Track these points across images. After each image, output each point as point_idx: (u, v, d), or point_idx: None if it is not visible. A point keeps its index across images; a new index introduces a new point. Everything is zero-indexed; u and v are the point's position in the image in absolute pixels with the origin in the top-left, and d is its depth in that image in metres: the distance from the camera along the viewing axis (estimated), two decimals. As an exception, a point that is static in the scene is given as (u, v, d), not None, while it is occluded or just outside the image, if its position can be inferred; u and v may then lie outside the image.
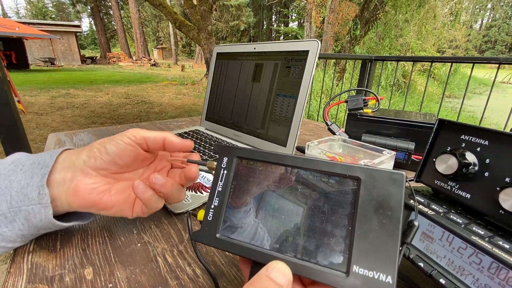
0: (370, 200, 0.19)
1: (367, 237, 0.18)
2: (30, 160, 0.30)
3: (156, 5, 5.59)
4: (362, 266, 0.18)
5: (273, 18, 24.47)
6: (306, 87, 0.53)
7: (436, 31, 9.61)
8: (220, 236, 0.22)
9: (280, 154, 0.23)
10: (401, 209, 0.18)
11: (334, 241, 0.19)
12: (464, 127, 0.26)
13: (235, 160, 0.24)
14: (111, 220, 0.39)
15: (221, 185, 0.24)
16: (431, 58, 2.22)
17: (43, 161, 0.29)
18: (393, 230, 0.18)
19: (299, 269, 0.19)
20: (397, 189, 0.18)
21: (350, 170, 0.20)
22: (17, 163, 0.29)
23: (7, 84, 1.32)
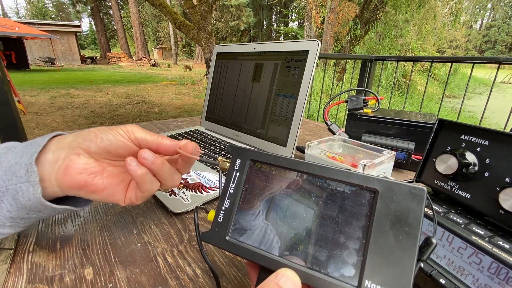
0: (387, 213, 0.18)
1: (382, 252, 0.18)
2: (24, 143, 0.29)
3: (156, 5, 5.59)
4: (375, 281, 0.17)
5: (273, 18, 24.48)
6: (306, 87, 0.53)
7: (436, 31, 9.61)
8: (229, 239, 0.22)
9: (295, 160, 0.22)
10: (419, 226, 0.17)
11: (346, 253, 0.19)
12: (464, 127, 0.26)
13: (248, 162, 0.24)
14: (111, 220, 0.39)
15: (233, 187, 0.24)
16: (431, 58, 2.22)
17: (35, 142, 0.28)
18: (410, 246, 0.17)
19: (308, 278, 0.18)
20: (417, 205, 0.18)
21: (368, 182, 0.19)
22: (10, 146, 0.29)
23: (7, 84, 1.32)
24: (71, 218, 0.40)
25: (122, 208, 0.43)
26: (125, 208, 0.43)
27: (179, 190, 0.46)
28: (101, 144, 0.29)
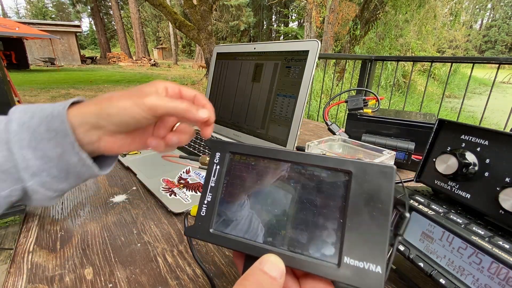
0: (361, 193, 0.19)
1: (358, 229, 0.19)
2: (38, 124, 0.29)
3: (156, 5, 5.59)
4: (353, 257, 0.18)
5: (273, 18, 24.47)
6: (306, 87, 0.53)
7: (436, 31, 9.61)
8: (213, 231, 0.23)
9: (273, 149, 0.23)
10: (391, 202, 0.18)
11: (325, 234, 0.20)
12: (464, 127, 0.26)
13: (228, 155, 0.24)
14: (111, 220, 0.39)
15: (214, 180, 0.24)
16: (431, 58, 2.22)
17: (58, 128, 0.29)
18: (383, 222, 0.18)
19: (291, 261, 0.19)
20: (387, 182, 0.19)
21: (342, 164, 0.20)
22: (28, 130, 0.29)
23: (7, 84, 1.32)
24: (71, 218, 0.40)
25: (122, 208, 0.43)
26: (125, 208, 0.43)
27: (179, 190, 0.46)
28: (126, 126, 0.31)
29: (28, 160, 0.29)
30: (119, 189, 0.49)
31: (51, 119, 0.29)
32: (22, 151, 0.28)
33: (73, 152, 0.30)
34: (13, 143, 0.28)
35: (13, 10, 37.20)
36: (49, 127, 0.29)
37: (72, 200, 0.45)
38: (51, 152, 0.29)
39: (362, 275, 0.18)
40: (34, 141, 0.29)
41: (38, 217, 0.40)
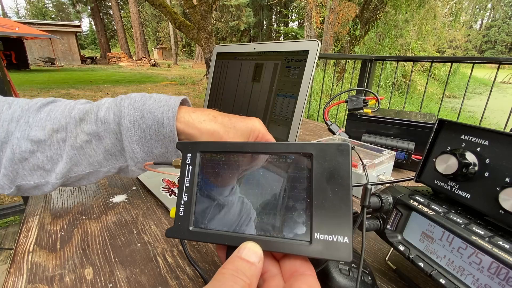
0: (322, 172, 0.20)
1: (324, 206, 0.20)
2: (149, 126, 0.33)
3: (156, 5, 5.59)
4: (322, 232, 0.19)
5: (273, 18, 24.46)
6: (306, 87, 0.53)
7: (436, 31, 9.60)
8: (193, 229, 0.23)
9: (240, 143, 0.24)
10: (349, 176, 0.20)
11: (296, 215, 0.21)
12: (464, 127, 0.26)
13: (198, 155, 0.25)
14: (111, 220, 0.39)
15: (188, 180, 0.25)
16: (431, 58, 2.22)
17: (166, 134, 0.33)
18: (345, 195, 0.20)
19: (268, 245, 0.20)
20: (344, 158, 0.20)
21: (303, 148, 0.22)
22: (139, 129, 0.33)
23: (7, 84, 1.32)
24: (71, 218, 0.40)
25: (122, 208, 0.43)
26: (125, 208, 0.43)
27: (179, 190, 0.46)
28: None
29: (135, 153, 0.34)
30: (119, 189, 0.49)
31: (162, 125, 0.33)
32: (132, 145, 0.33)
33: (175, 154, 0.35)
34: (125, 137, 0.33)
35: (13, 10, 37.19)
36: (159, 131, 0.33)
37: (72, 200, 0.45)
38: (156, 150, 0.34)
39: (332, 248, 0.19)
40: (143, 139, 0.34)
41: (38, 217, 0.40)
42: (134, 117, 0.33)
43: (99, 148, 0.34)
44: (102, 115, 0.34)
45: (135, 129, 0.33)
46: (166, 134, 0.33)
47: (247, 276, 0.18)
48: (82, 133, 0.34)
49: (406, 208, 0.27)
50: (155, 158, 0.35)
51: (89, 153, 0.34)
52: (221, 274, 0.18)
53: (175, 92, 6.86)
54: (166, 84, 8.27)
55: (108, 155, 0.35)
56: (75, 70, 12.54)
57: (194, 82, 8.62)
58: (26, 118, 0.35)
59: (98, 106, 0.35)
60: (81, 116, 0.34)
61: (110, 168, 0.36)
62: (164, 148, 0.34)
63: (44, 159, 0.34)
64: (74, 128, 0.34)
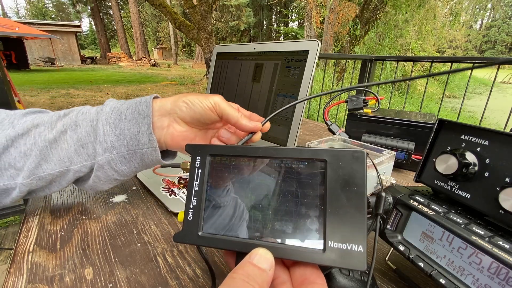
0: (337, 179, 0.20)
1: (338, 213, 0.19)
2: (127, 108, 0.35)
3: (156, 5, 5.59)
4: (336, 240, 0.19)
5: (273, 18, 24.45)
6: (306, 87, 0.53)
7: (436, 31, 9.60)
8: (202, 234, 0.23)
9: (252, 147, 0.24)
10: (364, 184, 0.19)
11: (309, 222, 0.20)
12: (464, 127, 0.26)
13: (208, 158, 0.25)
14: (111, 220, 0.39)
15: (197, 184, 0.24)
16: (431, 58, 2.22)
17: (141, 110, 0.34)
18: (359, 203, 0.19)
19: (280, 252, 0.20)
20: (360, 166, 0.20)
21: (317, 154, 0.21)
22: (117, 112, 0.35)
23: (7, 84, 1.32)
24: (71, 218, 0.40)
25: (122, 208, 0.43)
26: (125, 208, 0.43)
27: (179, 190, 0.46)
28: (194, 115, 0.36)
29: (106, 135, 0.33)
30: (119, 189, 0.49)
31: (139, 104, 0.35)
32: (105, 127, 0.33)
33: (146, 133, 0.34)
34: (100, 120, 0.34)
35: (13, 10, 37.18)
36: (135, 110, 0.34)
37: (72, 200, 0.45)
38: (128, 130, 0.34)
39: (346, 256, 0.19)
40: (118, 120, 0.34)
41: (38, 217, 0.40)
42: (116, 105, 0.36)
43: (72, 138, 0.34)
44: (86, 109, 0.36)
45: (112, 113, 0.34)
46: (141, 111, 0.34)
47: (258, 283, 0.18)
48: (60, 125, 0.34)
49: (406, 208, 0.27)
50: (125, 142, 0.34)
51: (61, 146, 0.34)
52: (232, 279, 0.18)
53: (175, 92, 6.86)
54: (166, 84, 8.27)
55: (79, 147, 0.34)
56: (75, 70, 12.54)
57: (194, 82, 8.62)
58: (11, 119, 0.35)
59: (85, 106, 0.37)
60: (66, 112, 0.36)
61: (81, 167, 0.34)
62: (137, 127, 0.34)
63: (17, 155, 0.33)
64: (55, 121, 0.35)
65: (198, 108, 0.35)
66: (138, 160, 0.36)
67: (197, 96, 0.36)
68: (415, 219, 0.26)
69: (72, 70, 12.49)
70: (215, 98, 0.36)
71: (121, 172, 0.36)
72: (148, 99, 0.35)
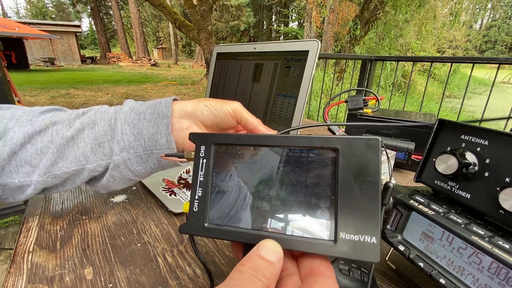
0: (349, 168, 0.19)
1: (350, 204, 0.19)
2: (146, 108, 0.35)
3: (156, 5, 5.59)
4: (348, 231, 0.18)
5: (273, 18, 24.44)
6: (306, 87, 0.53)
7: (436, 31, 9.60)
8: (208, 225, 0.22)
9: (258, 135, 0.23)
10: (379, 173, 0.18)
11: (319, 212, 0.20)
12: (464, 127, 0.26)
13: (213, 147, 0.24)
14: (111, 220, 0.39)
15: (202, 174, 0.23)
16: (431, 58, 2.22)
17: (161, 111, 0.34)
18: (373, 193, 0.18)
19: (289, 244, 0.19)
20: (374, 154, 0.19)
21: (328, 142, 0.20)
22: (136, 112, 0.35)
23: (7, 84, 1.32)
24: (71, 218, 0.40)
25: (122, 208, 0.43)
26: (125, 208, 0.43)
27: (179, 190, 0.46)
28: (214, 119, 0.36)
29: (124, 134, 0.33)
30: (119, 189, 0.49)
31: (159, 105, 0.35)
32: (123, 126, 0.33)
33: (165, 133, 0.34)
34: (119, 119, 0.34)
35: (13, 10, 37.17)
36: (154, 110, 0.34)
37: (72, 200, 0.45)
38: (146, 130, 0.34)
39: (359, 248, 0.18)
40: (136, 120, 0.34)
41: (38, 217, 0.40)
42: (135, 105, 0.36)
43: (89, 136, 0.34)
44: (104, 109, 0.36)
45: (131, 112, 0.34)
46: (161, 111, 0.34)
47: (266, 276, 0.17)
48: (78, 123, 0.34)
49: (406, 208, 0.27)
50: (142, 142, 0.34)
51: (77, 144, 0.33)
52: (239, 272, 0.17)
53: (175, 92, 6.86)
54: (166, 84, 8.27)
55: (96, 145, 0.34)
56: (75, 70, 12.54)
57: (194, 82, 8.62)
58: (29, 117, 0.35)
59: (103, 106, 0.37)
60: (84, 111, 0.36)
61: (96, 166, 0.34)
62: (155, 127, 0.34)
63: (33, 152, 0.33)
64: (73, 120, 0.35)
65: (219, 113, 0.36)
66: (154, 160, 0.35)
67: (217, 101, 0.37)
68: (415, 219, 0.26)
69: (72, 70, 12.49)
70: (235, 104, 0.37)
71: (137, 172, 0.36)
72: (168, 100, 0.35)
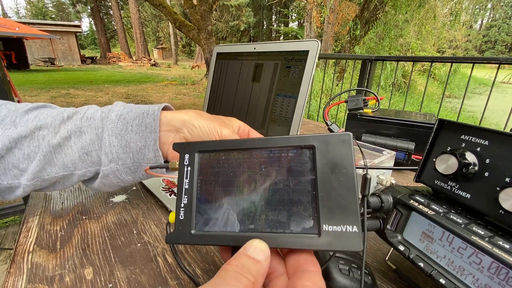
0: (326, 163, 0.20)
1: (330, 197, 0.20)
2: (133, 118, 0.34)
3: (156, 5, 5.59)
4: (331, 223, 0.19)
5: (273, 18, 24.45)
6: (306, 87, 0.53)
7: (436, 31, 9.60)
8: (195, 232, 0.23)
9: (239, 140, 0.24)
10: (353, 165, 0.20)
11: (302, 208, 0.20)
12: (464, 127, 0.26)
13: (197, 155, 0.24)
14: (111, 220, 0.39)
15: (187, 182, 0.24)
16: (431, 58, 2.22)
17: (148, 124, 0.34)
18: (350, 184, 0.20)
19: (276, 241, 0.20)
20: (347, 148, 0.20)
21: (304, 140, 0.21)
22: (124, 122, 0.34)
23: (7, 84, 1.32)
24: (71, 218, 0.40)
25: (122, 208, 0.43)
26: (125, 208, 0.43)
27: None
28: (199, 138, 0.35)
29: (112, 147, 0.33)
30: (119, 189, 0.49)
31: (146, 116, 0.34)
32: (111, 137, 0.33)
33: (152, 148, 0.33)
34: (106, 130, 0.33)
35: (13, 10, 37.16)
36: (142, 122, 0.33)
37: (72, 200, 0.45)
38: (134, 144, 0.33)
39: (342, 238, 0.19)
40: (124, 131, 0.33)
41: (38, 217, 0.40)
42: (122, 112, 0.34)
43: (76, 145, 0.33)
44: (90, 113, 0.34)
45: (118, 122, 0.33)
46: (148, 124, 0.33)
47: (252, 274, 0.17)
48: (64, 130, 0.33)
49: (406, 208, 0.27)
50: (131, 155, 0.33)
51: (65, 152, 0.33)
52: (225, 271, 0.17)
53: (175, 92, 6.86)
54: (166, 84, 8.27)
55: (83, 154, 0.33)
56: (75, 70, 12.54)
57: (194, 82, 8.62)
58: (13, 118, 0.34)
59: (89, 107, 0.36)
60: (69, 115, 0.34)
61: (85, 172, 0.34)
62: (143, 141, 0.33)
63: (21, 157, 0.33)
64: (58, 125, 0.33)
65: (205, 137, 0.35)
66: (142, 172, 0.35)
67: (210, 121, 0.35)
68: (415, 219, 0.26)
69: (72, 70, 12.49)
70: (224, 132, 0.35)
71: (126, 181, 0.36)
72: (156, 112, 0.34)
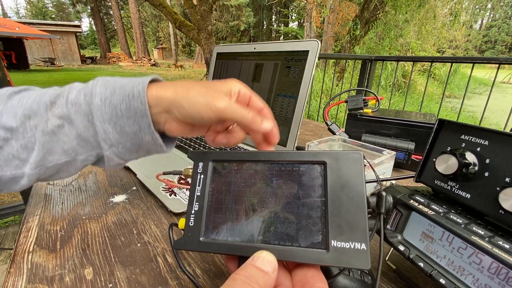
0: (336, 179, 0.21)
1: (339, 213, 0.20)
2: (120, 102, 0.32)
3: (156, 5, 5.59)
4: (339, 239, 0.19)
5: (273, 18, 24.44)
6: (306, 87, 0.53)
7: (436, 31, 9.60)
8: (203, 239, 0.23)
9: (254, 152, 0.24)
10: (363, 183, 0.20)
11: (311, 223, 0.21)
12: (464, 127, 0.26)
13: (210, 164, 0.25)
14: (111, 220, 0.39)
15: (199, 189, 0.25)
16: (431, 58, 2.22)
17: (137, 108, 0.32)
18: (360, 202, 0.20)
19: (283, 254, 0.20)
20: (358, 166, 0.21)
21: (316, 156, 0.22)
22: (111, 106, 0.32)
23: (7, 84, 1.32)
24: (71, 218, 0.40)
25: (122, 208, 0.43)
26: (125, 208, 0.43)
27: (179, 190, 0.46)
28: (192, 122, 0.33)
29: (108, 133, 0.32)
30: (119, 189, 0.49)
31: (132, 99, 0.32)
32: (103, 125, 0.32)
33: (148, 132, 0.32)
34: (96, 117, 0.31)
35: (13, 10, 37.16)
36: (130, 106, 0.32)
37: (72, 200, 0.45)
38: (129, 128, 0.32)
39: (350, 255, 0.19)
40: (115, 117, 0.32)
41: (38, 217, 0.40)
42: (105, 94, 0.32)
43: (71, 133, 0.32)
44: (73, 97, 0.33)
45: (105, 107, 0.32)
46: (137, 108, 0.32)
47: (260, 284, 0.17)
48: (54, 117, 0.32)
49: (406, 208, 0.27)
50: (129, 138, 0.33)
51: (62, 139, 0.32)
52: (233, 280, 0.18)
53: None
54: (166, 84, 8.25)
55: (81, 140, 0.32)
56: (75, 70, 12.54)
57: (194, 82, 8.59)
58: None
59: (70, 89, 0.34)
60: (52, 99, 0.33)
61: (88, 156, 0.33)
62: (137, 125, 0.32)
63: (19, 148, 0.32)
64: (44, 113, 0.32)
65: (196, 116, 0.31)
66: (145, 151, 0.35)
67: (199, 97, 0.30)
68: (415, 219, 0.26)
69: (72, 70, 12.49)
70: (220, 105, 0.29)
71: (131, 159, 0.36)
72: (141, 93, 0.31)
